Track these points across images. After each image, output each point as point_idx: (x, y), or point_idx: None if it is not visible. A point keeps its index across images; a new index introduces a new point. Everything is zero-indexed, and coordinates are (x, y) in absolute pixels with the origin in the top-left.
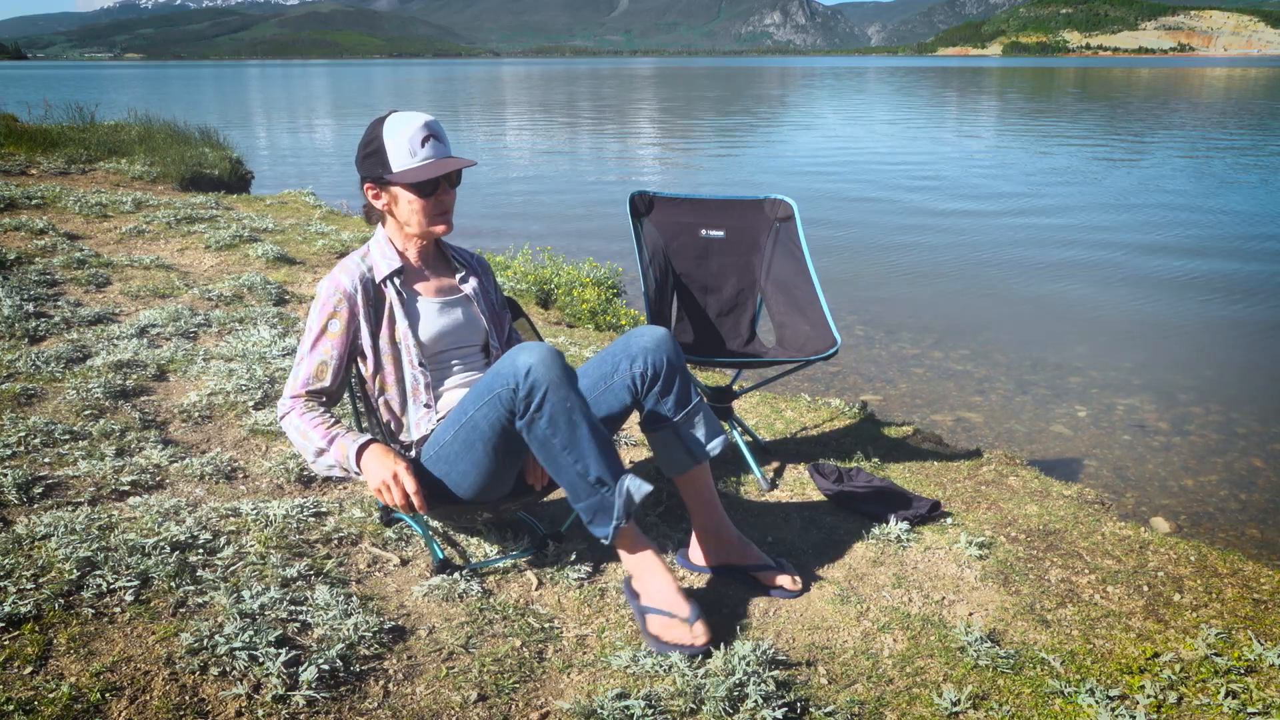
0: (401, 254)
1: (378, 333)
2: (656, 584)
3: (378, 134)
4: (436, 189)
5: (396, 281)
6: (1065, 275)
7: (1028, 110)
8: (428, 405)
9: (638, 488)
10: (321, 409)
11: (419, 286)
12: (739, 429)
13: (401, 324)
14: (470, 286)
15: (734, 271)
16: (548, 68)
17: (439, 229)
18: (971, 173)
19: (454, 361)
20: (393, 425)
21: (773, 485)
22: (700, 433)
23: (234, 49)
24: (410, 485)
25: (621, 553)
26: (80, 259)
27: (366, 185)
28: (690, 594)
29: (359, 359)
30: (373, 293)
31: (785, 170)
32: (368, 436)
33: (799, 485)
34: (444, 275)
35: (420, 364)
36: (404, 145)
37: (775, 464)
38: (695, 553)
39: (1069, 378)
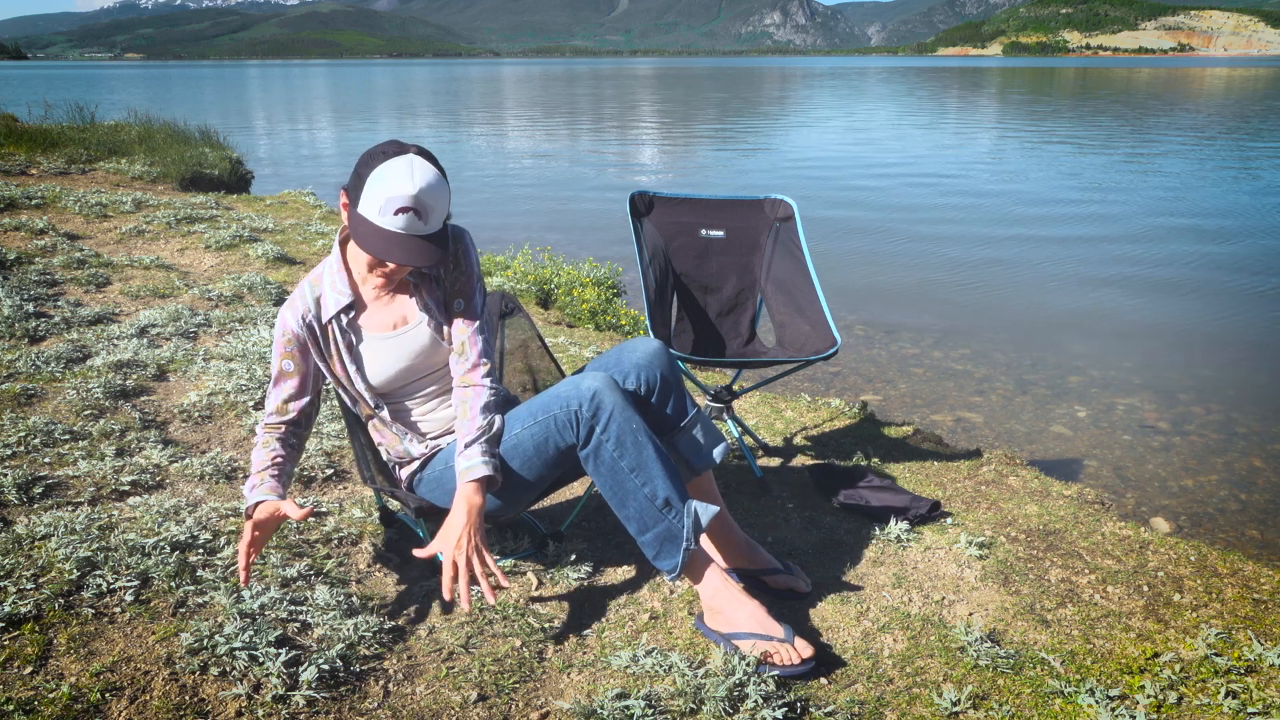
0: (354, 280)
1: (333, 371)
2: (742, 614)
3: (370, 169)
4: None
5: (343, 320)
6: (1065, 274)
7: (1028, 110)
8: (404, 433)
9: (705, 509)
10: (279, 440)
11: (368, 320)
12: (739, 429)
13: (351, 367)
14: (423, 305)
15: (734, 271)
16: (547, 68)
17: (377, 282)
18: (971, 173)
19: (425, 389)
20: (382, 446)
21: (773, 485)
22: (699, 442)
23: (234, 49)
24: (241, 563)
25: (692, 586)
26: (80, 259)
27: (343, 191)
28: (775, 610)
29: (338, 389)
30: (318, 332)
31: (785, 170)
32: (262, 498)
33: (799, 485)
34: (399, 295)
35: (375, 404)
36: (379, 198)
37: (775, 464)
38: None
39: (1069, 378)
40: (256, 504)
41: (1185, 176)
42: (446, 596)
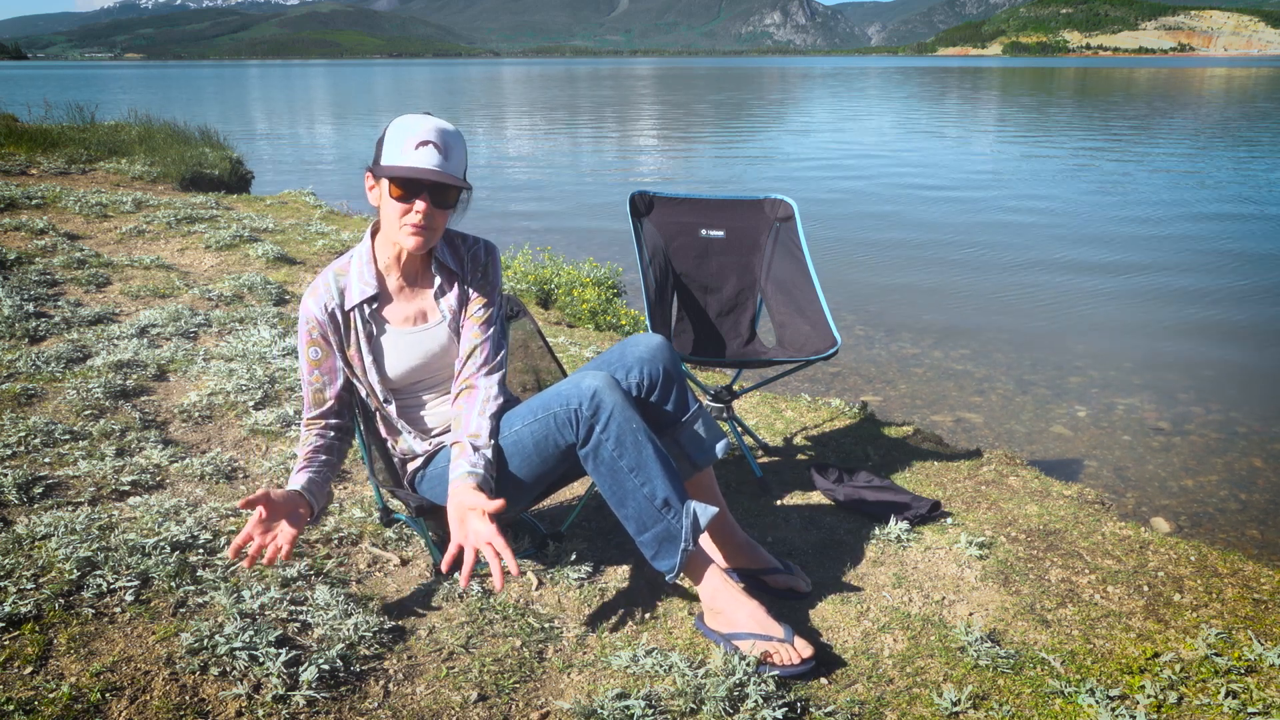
0: (381, 273)
1: (348, 360)
2: (742, 613)
3: (387, 126)
4: (415, 195)
5: (366, 311)
6: (1066, 275)
7: (1027, 110)
8: (409, 432)
9: (704, 510)
10: (317, 434)
11: (391, 313)
12: (739, 429)
13: (367, 358)
14: (446, 305)
15: (734, 271)
16: (547, 68)
17: (410, 243)
18: (972, 173)
19: (435, 387)
20: (389, 442)
21: (773, 485)
22: (701, 439)
23: (234, 49)
24: (284, 551)
25: (691, 586)
26: (80, 259)
27: (366, 172)
28: (775, 610)
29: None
30: (340, 320)
31: (786, 170)
32: (301, 485)
33: (799, 485)
34: (422, 291)
35: (384, 399)
36: (399, 142)
37: (775, 464)
38: None
39: (1069, 378)
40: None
41: (1185, 176)
42: (463, 583)
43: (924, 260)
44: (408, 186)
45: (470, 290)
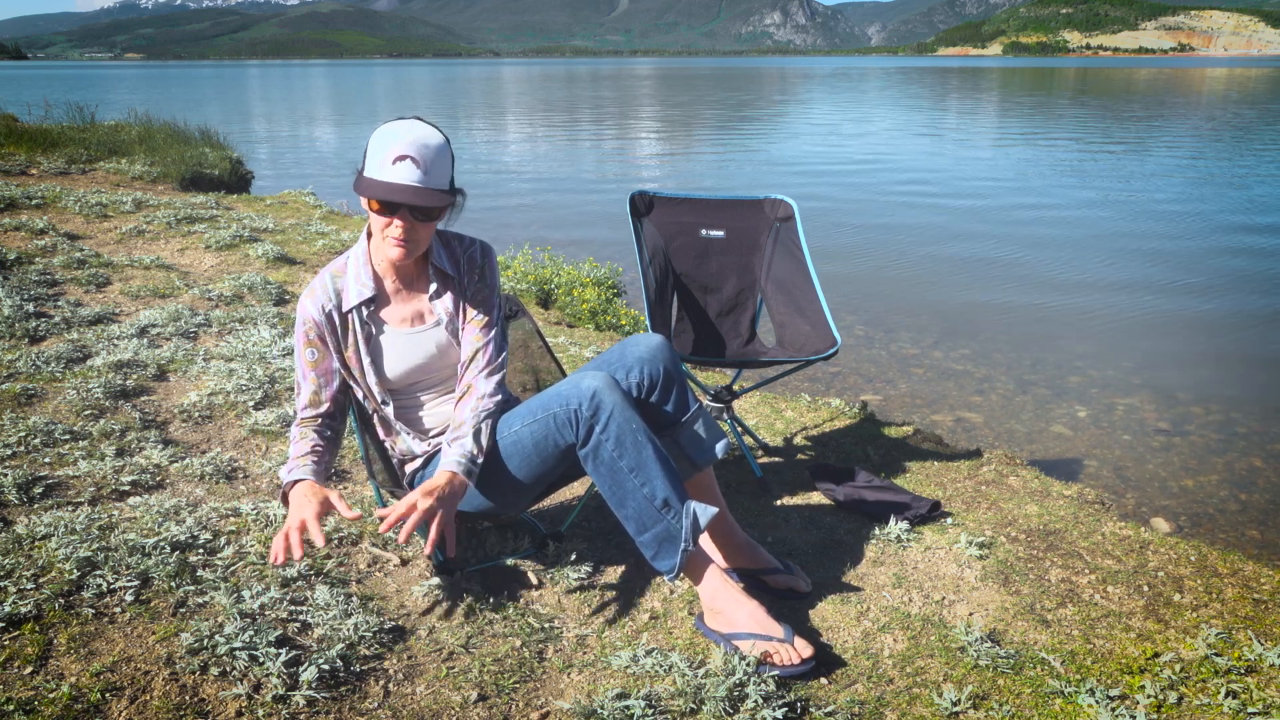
0: (378, 274)
1: (345, 361)
2: (742, 614)
3: (371, 136)
4: (393, 213)
5: (364, 312)
6: (1066, 275)
7: (1026, 110)
8: (407, 432)
9: (704, 510)
10: (315, 431)
11: (389, 314)
12: (739, 429)
13: (365, 359)
14: (442, 307)
15: (734, 271)
16: (547, 68)
17: (393, 254)
18: (971, 173)
19: (432, 388)
20: (387, 443)
21: (773, 485)
22: (701, 438)
23: (234, 49)
24: (317, 539)
25: (692, 586)
26: (80, 259)
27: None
28: (775, 610)
29: (349, 382)
30: (337, 321)
31: (786, 170)
32: (303, 477)
33: (799, 485)
34: (419, 293)
35: (382, 400)
36: (378, 155)
37: (775, 464)
38: None
39: (1069, 378)
40: (295, 482)
41: (1186, 176)
42: (383, 529)
43: (924, 260)
44: (385, 204)
45: (468, 293)
